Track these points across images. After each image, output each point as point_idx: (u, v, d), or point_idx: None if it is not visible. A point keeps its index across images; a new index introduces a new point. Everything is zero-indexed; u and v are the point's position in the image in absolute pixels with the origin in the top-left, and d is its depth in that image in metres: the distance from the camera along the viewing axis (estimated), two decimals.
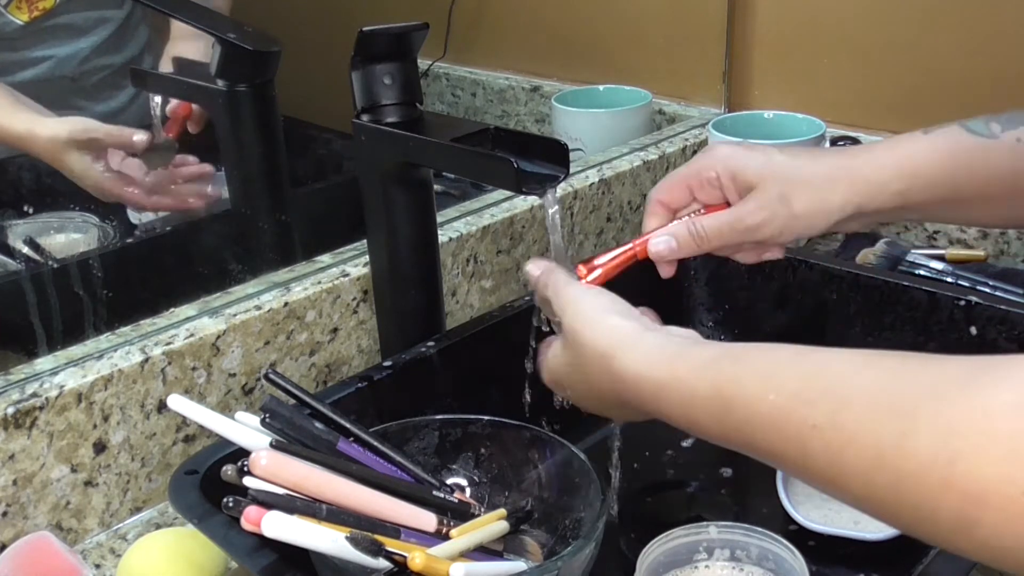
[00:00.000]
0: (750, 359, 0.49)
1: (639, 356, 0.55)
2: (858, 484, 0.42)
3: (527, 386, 0.71)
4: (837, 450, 0.43)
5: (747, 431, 0.48)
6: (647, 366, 0.54)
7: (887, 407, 0.41)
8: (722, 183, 0.68)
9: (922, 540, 0.42)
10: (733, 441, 0.49)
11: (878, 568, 0.67)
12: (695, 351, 0.53)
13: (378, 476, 0.58)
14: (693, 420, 0.51)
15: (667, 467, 0.80)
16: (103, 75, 1.10)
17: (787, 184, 0.66)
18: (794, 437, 0.45)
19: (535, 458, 0.65)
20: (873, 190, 0.66)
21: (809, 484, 0.46)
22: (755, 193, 0.67)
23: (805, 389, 0.45)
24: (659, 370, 0.53)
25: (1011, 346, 0.78)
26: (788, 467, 0.47)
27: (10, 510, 0.68)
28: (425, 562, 0.50)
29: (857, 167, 0.67)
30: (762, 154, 0.68)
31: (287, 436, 0.56)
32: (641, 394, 0.54)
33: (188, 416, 0.57)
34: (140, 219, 1.05)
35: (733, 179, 0.68)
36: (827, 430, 0.43)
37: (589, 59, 1.32)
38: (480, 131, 0.71)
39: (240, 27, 0.94)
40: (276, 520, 0.49)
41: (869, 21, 1.10)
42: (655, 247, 0.68)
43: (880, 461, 0.41)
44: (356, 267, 0.84)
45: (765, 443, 0.47)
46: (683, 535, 0.61)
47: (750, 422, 0.47)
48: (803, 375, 0.46)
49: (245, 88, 0.94)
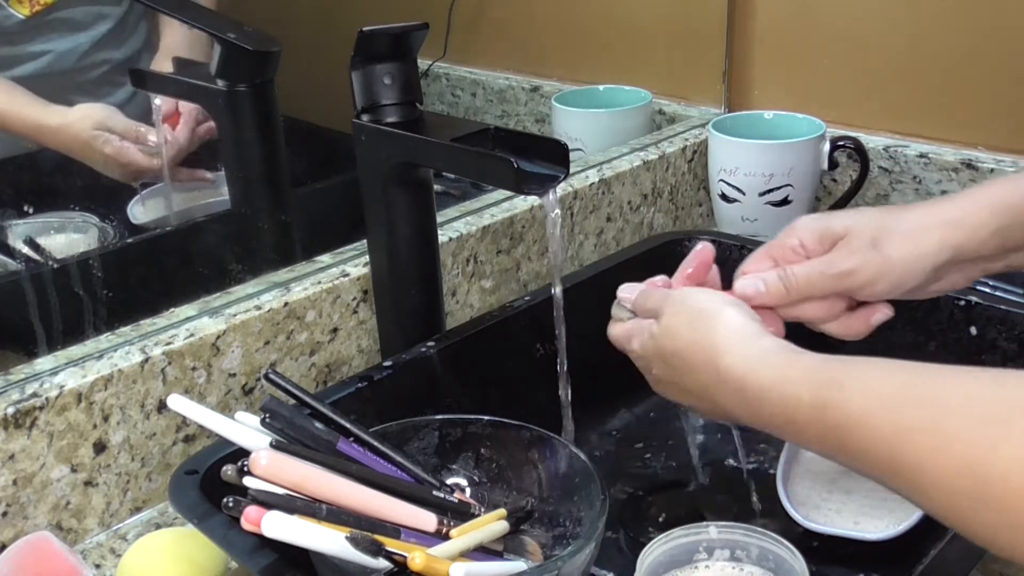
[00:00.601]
0: (853, 366, 0.51)
1: (750, 356, 0.56)
2: (942, 489, 0.44)
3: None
4: (927, 455, 0.44)
5: (841, 433, 0.49)
6: (756, 367, 0.55)
7: (982, 415, 0.43)
8: (806, 247, 0.66)
9: (999, 553, 0.43)
10: (829, 444, 0.51)
11: (878, 568, 0.67)
12: (804, 358, 0.54)
13: (378, 476, 0.58)
14: (792, 423, 0.53)
15: (667, 467, 0.80)
16: (102, 71, 1.10)
17: (878, 230, 0.64)
18: (886, 439, 0.46)
19: (535, 458, 0.65)
20: (968, 232, 0.63)
21: (890, 487, 0.48)
22: (845, 241, 0.65)
23: (901, 394, 0.47)
24: (767, 373, 0.55)
25: (1011, 346, 0.78)
26: (874, 470, 0.48)
27: (10, 510, 0.68)
28: (425, 562, 0.50)
29: (949, 210, 0.64)
30: (847, 213, 0.67)
31: (287, 436, 0.56)
32: (744, 392, 0.56)
33: (188, 416, 0.57)
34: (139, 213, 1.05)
35: (820, 240, 0.65)
36: (919, 433, 0.45)
37: (589, 59, 1.32)
38: (480, 131, 0.71)
39: (240, 27, 0.94)
40: (276, 520, 0.49)
41: (869, 21, 1.10)
42: (742, 288, 0.66)
43: (968, 467, 0.42)
44: (356, 267, 0.84)
45: (855, 445, 0.48)
46: (683, 535, 0.61)
47: (845, 424, 0.49)
48: (901, 382, 0.48)
49: (245, 88, 0.94)
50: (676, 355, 0.61)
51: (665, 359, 0.62)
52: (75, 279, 0.96)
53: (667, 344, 0.62)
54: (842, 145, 1.08)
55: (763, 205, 1.07)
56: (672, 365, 0.62)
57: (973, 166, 1.04)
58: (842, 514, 0.70)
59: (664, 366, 0.63)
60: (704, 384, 0.59)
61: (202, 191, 1.08)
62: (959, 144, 1.07)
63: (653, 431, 0.84)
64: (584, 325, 0.79)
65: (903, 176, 1.09)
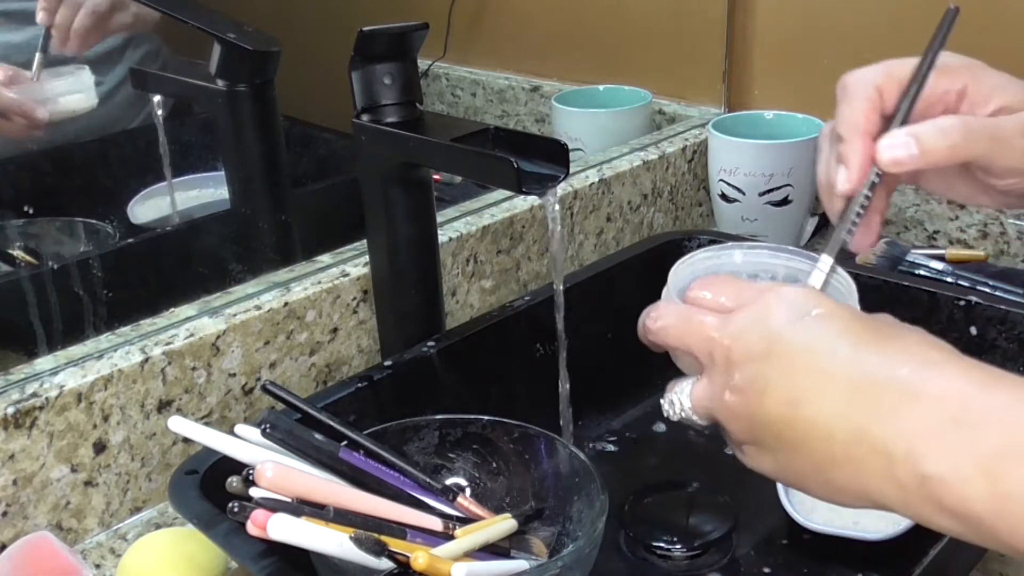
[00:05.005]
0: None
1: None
2: None
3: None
4: None
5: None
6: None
7: None
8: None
9: None
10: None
11: (878, 568, 0.67)
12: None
13: (382, 484, 0.58)
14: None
15: (667, 467, 0.80)
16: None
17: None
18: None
19: (535, 458, 0.65)
20: None
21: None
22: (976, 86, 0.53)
23: None
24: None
25: (1011, 346, 0.78)
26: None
27: (10, 510, 0.68)
28: (428, 562, 0.50)
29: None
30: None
31: (288, 446, 0.56)
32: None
33: (190, 437, 0.57)
34: (139, 213, 1.05)
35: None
36: None
37: (589, 59, 1.32)
38: (480, 131, 0.71)
39: (240, 27, 0.94)
40: (282, 522, 0.49)
41: (869, 21, 1.10)
42: (890, 152, 0.51)
43: None
44: (356, 267, 0.84)
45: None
46: (706, 258, 0.56)
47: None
48: None
49: (245, 88, 0.94)
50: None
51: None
52: (75, 279, 0.95)
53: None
54: None
55: (763, 205, 1.07)
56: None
57: None
58: (842, 514, 0.69)
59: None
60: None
61: (202, 191, 1.08)
62: None
63: (653, 431, 0.84)
64: (584, 324, 0.79)
65: None
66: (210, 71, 0.94)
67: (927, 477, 0.41)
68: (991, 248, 1.05)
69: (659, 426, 0.84)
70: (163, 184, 1.05)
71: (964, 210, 1.06)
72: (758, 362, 0.46)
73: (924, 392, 0.42)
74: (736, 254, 0.56)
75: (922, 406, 0.42)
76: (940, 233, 1.08)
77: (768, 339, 0.46)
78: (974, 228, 1.05)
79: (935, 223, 1.08)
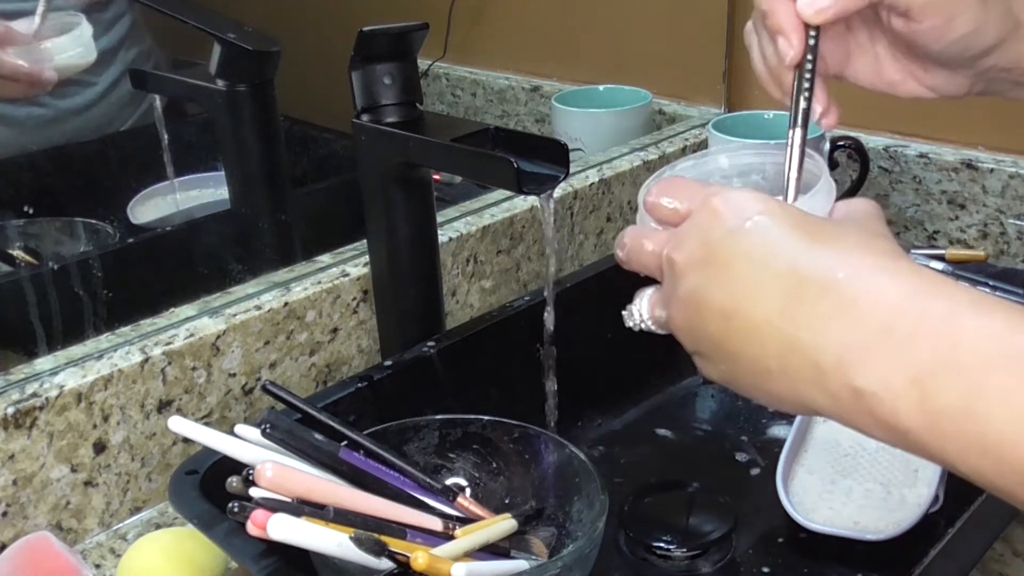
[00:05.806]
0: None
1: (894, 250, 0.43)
2: None
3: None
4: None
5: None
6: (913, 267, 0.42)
7: None
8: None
9: None
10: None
11: (878, 568, 0.67)
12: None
13: (382, 484, 0.58)
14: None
15: (667, 467, 0.80)
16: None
17: None
18: None
19: (535, 458, 0.65)
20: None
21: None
22: None
23: None
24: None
25: None
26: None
27: (10, 510, 0.68)
28: (428, 562, 0.50)
29: None
30: None
31: (288, 446, 0.56)
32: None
33: (190, 437, 0.57)
34: (139, 213, 1.05)
35: None
36: None
37: (589, 59, 1.32)
38: (480, 131, 0.71)
39: (240, 27, 0.94)
40: (282, 522, 0.49)
41: None
42: (812, 4, 0.52)
43: None
44: (356, 267, 0.84)
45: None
46: (691, 166, 0.55)
47: None
48: None
49: (245, 88, 0.94)
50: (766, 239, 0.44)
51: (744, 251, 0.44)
52: (75, 279, 0.96)
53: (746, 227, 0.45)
54: (842, 145, 1.08)
55: None
56: (754, 258, 0.44)
57: (973, 166, 1.04)
58: (842, 514, 0.70)
59: (729, 270, 0.45)
60: (796, 283, 0.42)
61: (202, 191, 1.08)
62: (959, 144, 1.07)
63: (653, 430, 0.84)
64: (584, 325, 0.79)
65: (903, 176, 1.09)
66: (210, 71, 0.94)
67: (858, 390, 0.40)
68: (991, 248, 1.05)
69: (660, 427, 0.84)
70: (163, 184, 1.05)
71: (964, 210, 1.06)
72: (697, 272, 0.46)
73: (857, 299, 0.41)
74: (721, 158, 0.55)
75: (854, 314, 0.41)
76: (940, 233, 1.08)
77: (707, 247, 0.46)
78: (974, 228, 1.05)
79: (935, 223, 1.08)
